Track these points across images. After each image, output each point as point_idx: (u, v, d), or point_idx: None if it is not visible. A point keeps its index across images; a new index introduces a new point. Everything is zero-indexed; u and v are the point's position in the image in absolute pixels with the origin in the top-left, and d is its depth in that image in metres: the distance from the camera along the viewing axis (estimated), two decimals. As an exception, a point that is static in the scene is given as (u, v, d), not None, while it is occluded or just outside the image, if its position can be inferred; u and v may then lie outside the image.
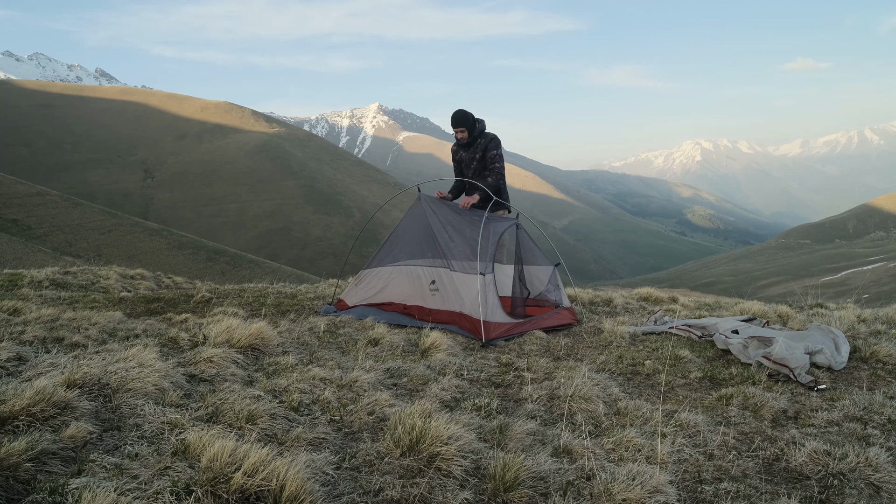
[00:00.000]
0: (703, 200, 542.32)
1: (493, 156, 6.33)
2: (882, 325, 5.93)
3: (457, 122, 6.25)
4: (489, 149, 6.34)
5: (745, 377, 4.33)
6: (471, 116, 6.27)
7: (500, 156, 6.37)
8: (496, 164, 6.34)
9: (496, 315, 5.47)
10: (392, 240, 6.44)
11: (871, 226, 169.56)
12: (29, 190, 68.48)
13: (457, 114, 6.24)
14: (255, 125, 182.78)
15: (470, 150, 6.41)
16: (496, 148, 6.35)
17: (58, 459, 2.28)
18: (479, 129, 6.33)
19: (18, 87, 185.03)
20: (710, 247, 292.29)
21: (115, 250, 57.08)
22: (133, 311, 6.40)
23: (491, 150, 6.34)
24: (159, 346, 4.23)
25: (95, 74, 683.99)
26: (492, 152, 6.33)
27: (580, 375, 3.89)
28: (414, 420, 2.73)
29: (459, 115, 6.23)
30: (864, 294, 14.89)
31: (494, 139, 6.37)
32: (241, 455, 2.23)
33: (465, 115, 6.23)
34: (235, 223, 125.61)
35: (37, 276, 8.56)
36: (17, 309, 5.66)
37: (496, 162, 6.34)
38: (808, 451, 2.89)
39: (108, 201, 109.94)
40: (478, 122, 6.32)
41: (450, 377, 3.99)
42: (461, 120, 6.23)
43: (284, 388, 3.43)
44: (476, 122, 6.30)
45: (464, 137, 6.31)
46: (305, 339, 5.07)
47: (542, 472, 2.56)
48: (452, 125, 6.28)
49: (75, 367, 3.09)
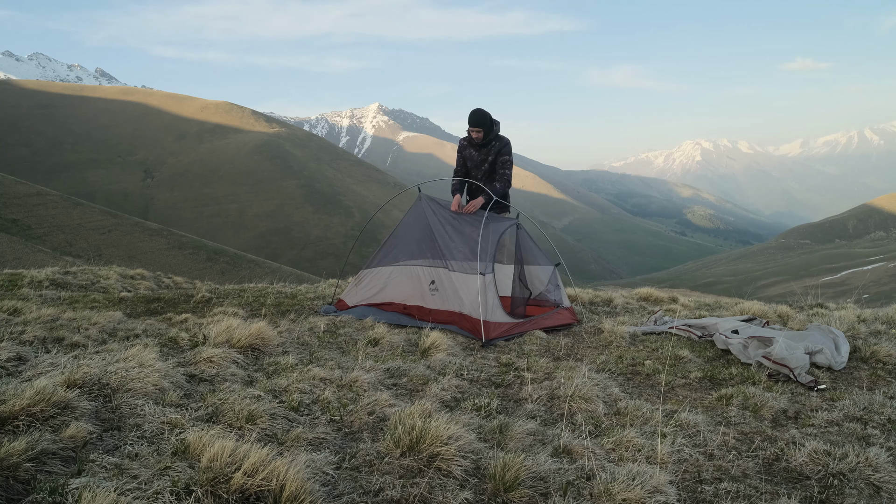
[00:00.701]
0: (703, 200, 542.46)
1: (503, 161, 6.27)
2: (882, 325, 5.93)
3: (475, 122, 6.09)
4: (502, 153, 6.26)
5: (745, 377, 4.33)
6: (489, 117, 6.14)
7: (510, 162, 6.30)
8: (506, 171, 6.29)
9: (496, 315, 5.47)
10: (392, 240, 6.44)
11: (871, 226, 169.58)
12: (29, 190, 68.50)
13: (475, 113, 6.08)
14: (255, 125, 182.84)
15: (482, 151, 6.31)
16: (508, 153, 6.28)
17: (58, 459, 2.28)
18: (494, 131, 6.24)
19: (18, 87, 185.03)
20: (710, 247, 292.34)
21: (115, 250, 57.11)
22: (133, 311, 6.40)
23: (503, 155, 6.26)
24: (159, 346, 4.23)
25: (95, 74, 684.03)
26: (503, 157, 6.26)
27: (580, 375, 3.89)
28: (414, 420, 2.73)
29: (478, 114, 6.07)
30: (864, 294, 14.89)
31: (508, 144, 6.29)
32: (241, 455, 2.23)
33: (484, 116, 6.10)
34: (235, 223, 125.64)
35: (37, 276, 8.56)
36: (17, 309, 5.65)
37: (506, 168, 6.28)
38: (808, 451, 2.89)
39: (108, 201, 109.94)
40: (495, 124, 6.22)
41: (450, 377, 3.99)
42: (480, 120, 6.08)
43: (284, 388, 3.43)
44: (493, 124, 6.20)
45: (479, 137, 6.19)
46: (305, 339, 5.07)
47: (542, 472, 2.56)
48: (469, 124, 6.14)
49: (75, 367, 3.09)
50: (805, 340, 4.78)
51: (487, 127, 6.15)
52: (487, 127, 6.15)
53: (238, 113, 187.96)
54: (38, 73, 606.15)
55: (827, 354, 4.60)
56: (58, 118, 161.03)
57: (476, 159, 6.39)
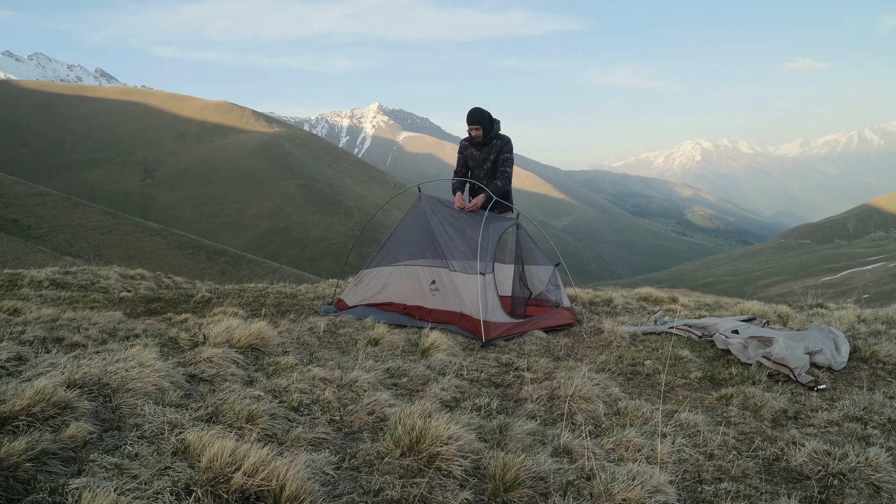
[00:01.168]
0: (703, 200, 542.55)
1: (504, 159, 6.31)
2: (882, 325, 5.93)
3: (473, 119, 6.16)
4: (503, 151, 6.31)
5: (745, 377, 4.33)
6: (487, 115, 6.20)
7: (511, 160, 6.36)
8: (507, 169, 6.33)
9: (496, 315, 5.47)
10: (392, 240, 6.44)
11: (871, 226, 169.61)
12: (29, 190, 68.50)
13: (473, 111, 6.16)
14: (255, 125, 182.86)
15: (484, 151, 6.36)
16: (509, 152, 6.33)
17: (58, 459, 2.28)
18: (495, 129, 6.29)
19: (18, 87, 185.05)
20: (710, 247, 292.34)
21: (115, 250, 57.12)
22: (133, 311, 6.40)
23: (504, 154, 6.31)
24: (159, 346, 4.23)
25: (95, 74, 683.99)
26: (505, 155, 6.31)
27: (580, 375, 3.89)
28: (414, 420, 2.73)
29: (476, 112, 6.16)
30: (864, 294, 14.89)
31: (509, 142, 6.34)
32: (241, 455, 2.23)
33: (482, 114, 6.17)
34: (235, 223, 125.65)
35: (37, 276, 8.56)
36: (17, 309, 5.65)
37: (507, 166, 6.33)
38: (808, 451, 2.89)
39: (108, 201, 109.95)
40: (494, 123, 6.27)
41: (450, 377, 3.99)
42: (478, 118, 6.15)
43: (284, 388, 3.43)
44: (493, 122, 6.25)
45: (478, 136, 6.24)
46: (305, 339, 5.07)
47: (542, 472, 2.56)
48: (468, 122, 6.20)
49: (75, 367, 3.09)
50: (805, 340, 4.78)
51: (486, 125, 6.20)
52: (486, 125, 6.20)
53: (238, 113, 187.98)
54: (38, 73, 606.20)
55: (827, 354, 4.59)
56: (58, 118, 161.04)
57: (478, 158, 6.42)
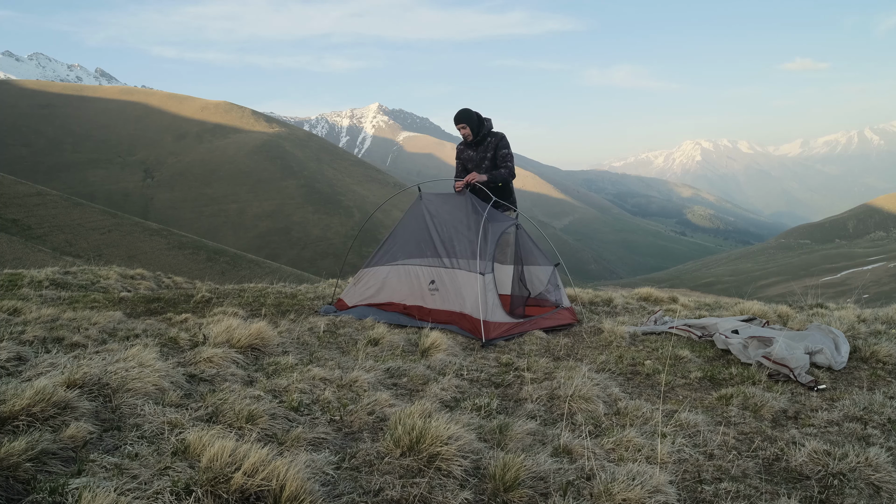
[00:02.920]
0: (703, 200, 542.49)
1: (503, 154, 6.36)
2: (882, 325, 5.93)
3: (459, 118, 6.26)
4: (500, 147, 6.36)
5: (745, 377, 4.33)
6: (474, 113, 6.29)
7: (510, 155, 6.39)
8: (508, 163, 6.37)
9: (496, 315, 5.47)
10: (391, 239, 6.44)
11: (871, 226, 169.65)
12: (29, 190, 68.51)
13: (458, 111, 6.28)
14: (255, 125, 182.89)
15: (479, 150, 6.41)
16: (506, 146, 6.38)
17: (58, 459, 2.28)
18: (486, 127, 6.34)
19: (18, 87, 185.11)
20: (710, 247, 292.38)
21: (115, 250, 57.09)
22: (133, 311, 6.40)
23: (502, 149, 6.36)
24: (159, 346, 4.23)
25: (95, 74, 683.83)
26: (503, 151, 6.36)
27: (580, 375, 3.89)
28: (414, 420, 2.72)
29: (462, 111, 6.27)
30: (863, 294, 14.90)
31: (503, 137, 6.39)
32: (241, 455, 2.23)
33: (468, 112, 6.26)
34: (235, 223, 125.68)
35: (37, 276, 8.56)
36: (17, 309, 5.65)
37: (508, 161, 6.37)
38: (808, 451, 2.89)
39: (108, 201, 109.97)
40: (484, 121, 6.33)
41: (450, 377, 3.99)
42: (464, 116, 6.24)
43: (284, 388, 3.43)
44: (482, 121, 6.32)
45: (467, 134, 6.31)
46: (305, 339, 5.07)
47: (542, 472, 2.56)
48: (455, 122, 6.30)
49: (75, 367, 3.08)
50: (805, 340, 4.78)
51: (474, 122, 6.27)
52: (474, 122, 6.27)
53: (238, 113, 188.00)
54: (38, 73, 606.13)
55: (827, 354, 4.59)
56: (58, 118, 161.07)
57: (475, 159, 6.45)
